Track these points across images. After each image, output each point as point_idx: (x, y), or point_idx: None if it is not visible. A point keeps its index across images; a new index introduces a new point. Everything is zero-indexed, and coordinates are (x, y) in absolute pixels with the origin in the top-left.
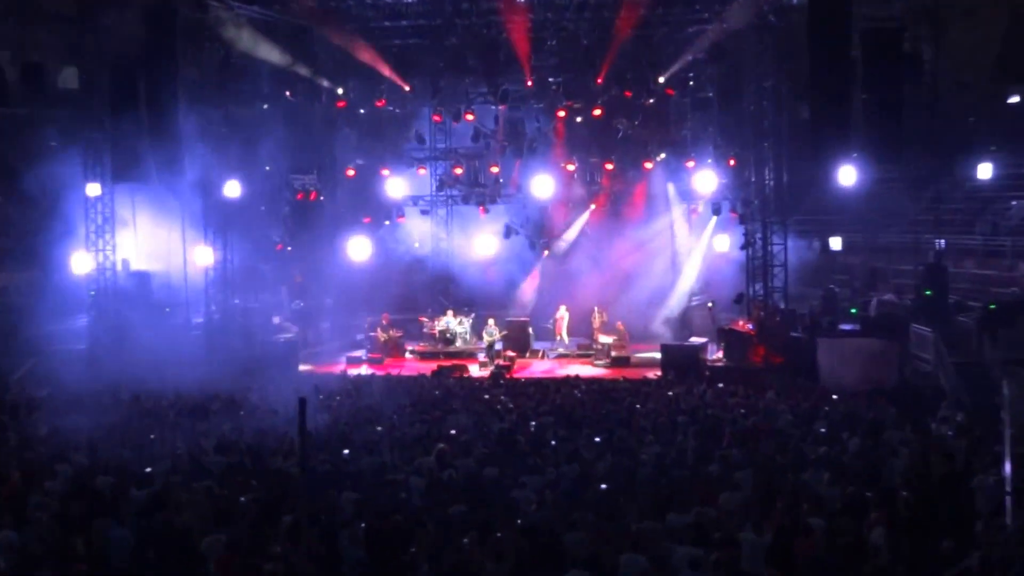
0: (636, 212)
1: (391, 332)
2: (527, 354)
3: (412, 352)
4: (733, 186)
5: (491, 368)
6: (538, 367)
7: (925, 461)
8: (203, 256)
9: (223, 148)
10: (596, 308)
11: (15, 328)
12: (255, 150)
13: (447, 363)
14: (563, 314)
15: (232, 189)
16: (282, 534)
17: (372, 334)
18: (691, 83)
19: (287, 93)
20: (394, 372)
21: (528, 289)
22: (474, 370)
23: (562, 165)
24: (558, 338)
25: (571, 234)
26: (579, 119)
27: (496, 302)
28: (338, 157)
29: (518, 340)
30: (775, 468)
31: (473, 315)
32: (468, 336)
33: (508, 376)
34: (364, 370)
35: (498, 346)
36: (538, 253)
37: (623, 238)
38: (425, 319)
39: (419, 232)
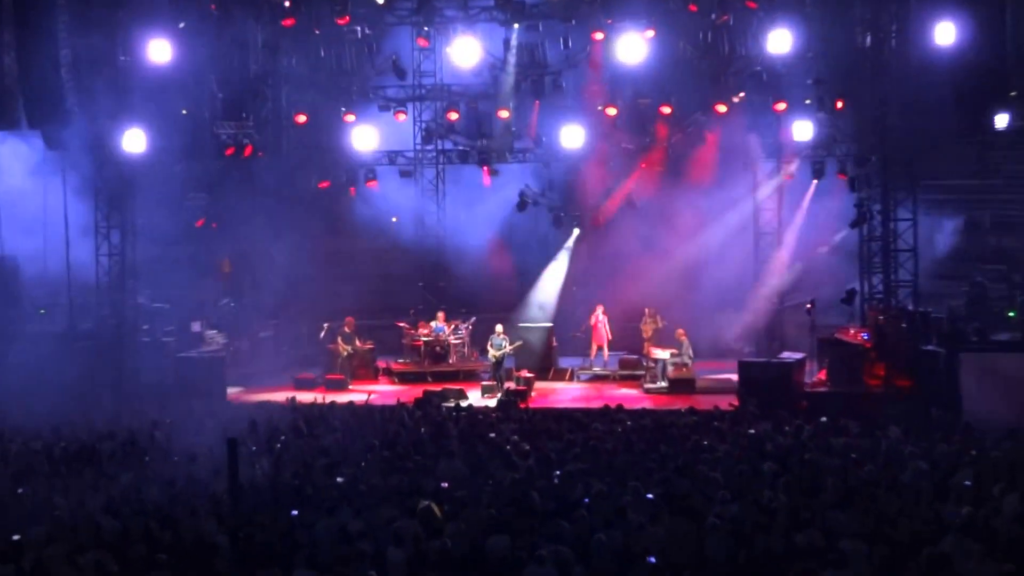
0: (703, 174)
1: (357, 344)
2: (550, 375)
3: (388, 372)
4: (841, 138)
5: (499, 395)
6: (565, 393)
7: None
8: (93, 235)
9: (122, 85)
10: (647, 311)
11: None
12: (166, 88)
13: (436, 387)
14: (601, 319)
15: (134, 142)
16: None
17: (331, 346)
18: None
19: (211, 6)
20: (362, 400)
21: (551, 284)
22: (475, 397)
23: (599, 108)
24: (594, 353)
25: (612, 206)
26: (624, 43)
27: (506, 301)
28: (284, 97)
29: (537, 355)
30: (900, 537)
31: (473, 320)
32: (466, 350)
33: (523, 406)
34: (320, 397)
35: (509, 363)
36: (566, 232)
37: (685, 211)
38: (406, 325)
39: (397, 202)
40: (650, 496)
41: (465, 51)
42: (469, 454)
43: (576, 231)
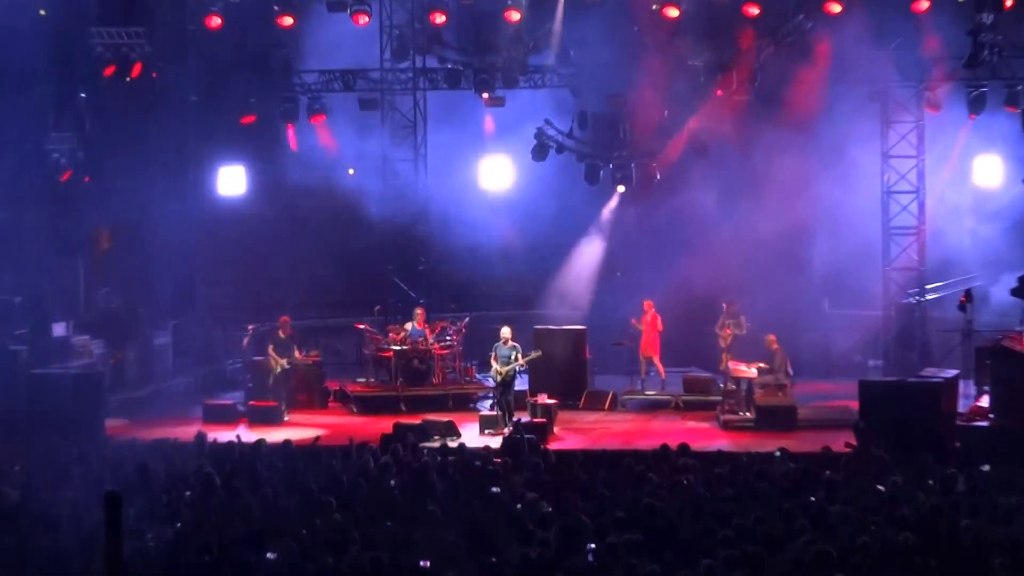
0: (808, 106)
1: (297, 355)
2: (581, 401)
3: (342, 397)
4: (1013, 53)
5: (505, 430)
6: (604, 428)
7: None
8: None
9: None
10: (725, 308)
11: None
12: None
13: (413, 419)
14: (652, 317)
15: None
16: None
17: (259, 359)
18: None
19: None
20: (305, 439)
21: (583, 268)
22: (470, 434)
23: (653, 8)
24: (645, 369)
25: (672, 153)
26: None
27: (516, 294)
28: None
29: (563, 372)
30: None
31: (467, 320)
32: (457, 364)
33: (543, 446)
34: (243, 433)
35: (521, 384)
36: (604, 192)
37: (780, 160)
38: (369, 329)
39: (356, 147)
40: None
41: None
42: (462, 519)
43: (620, 190)
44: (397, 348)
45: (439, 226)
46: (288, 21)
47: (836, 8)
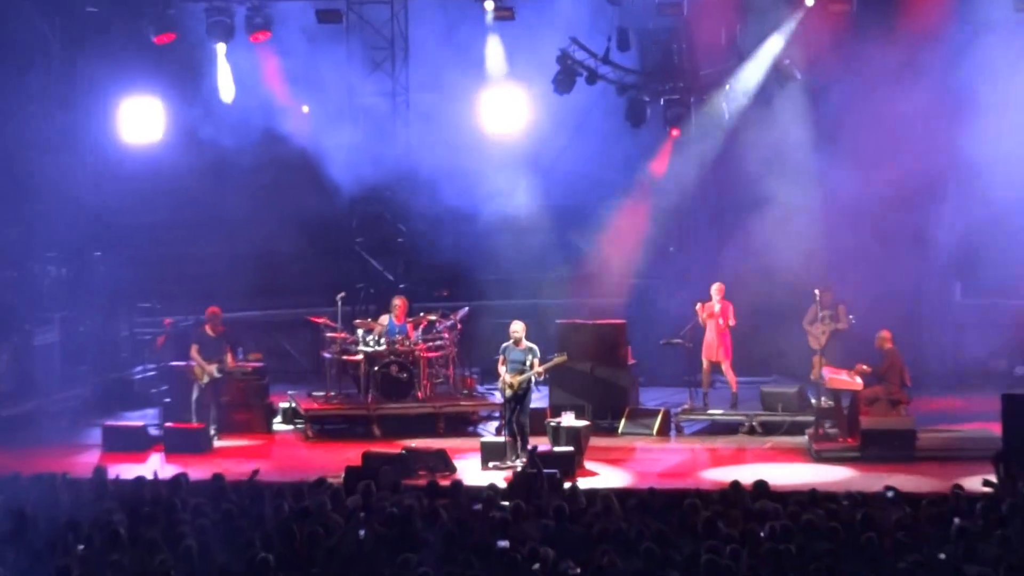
0: (933, 19)
1: (230, 361)
2: (622, 423)
3: (294, 416)
4: None
5: (517, 462)
6: (653, 458)
7: None
8: None
9: None
10: (819, 295)
11: None
12: None
13: (390, 448)
14: (720, 307)
15: None
16: None
17: (178, 365)
18: None
19: None
20: (243, 474)
21: (622, 240)
22: (469, 467)
23: None
24: (708, 379)
25: (745, 83)
26: None
27: (530, 277)
28: None
29: (596, 383)
30: None
31: (465, 311)
32: (451, 372)
33: (569, 484)
34: (157, 467)
35: (539, 399)
36: (652, 135)
37: (894, 94)
38: (329, 323)
39: (312, 76)
40: None
41: None
42: None
43: (674, 134)
44: (368, 350)
45: (426, 186)
46: None
47: None
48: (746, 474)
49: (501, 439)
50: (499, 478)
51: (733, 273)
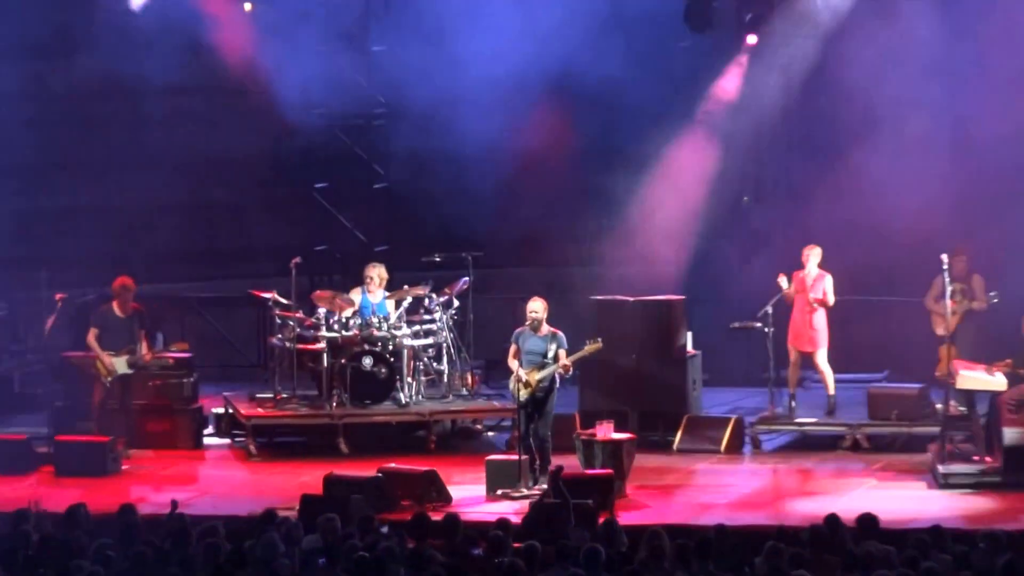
0: None
1: (144, 352)
2: (678, 435)
3: (230, 423)
4: None
5: (536, 487)
6: (718, 481)
7: None
8: None
9: None
10: (946, 262)
11: None
12: None
13: (362, 469)
14: (813, 278)
15: None
16: None
17: (74, 356)
18: None
19: None
20: (156, 504)
21: (677, 190)
22: (470, 496)
23: None
24: (795, 376)
25: None
26: None
27: (551, 241)
28: None
29: (641, 381)
30: None
31: (465, 283)
32: (445, 367)
33: (606, 518)
34: (36, 501)
35: (565, 399)
36: (719, 48)
37: None
38: (279, 299)
39: None
40: None
41: None
42: None
43: (750, 41)
44: (333, 336)
45: (413, 115)
46: None
47: None
48: (847, 506)
49: (513, 457)
50: (510, 510)
51: (830, 232)
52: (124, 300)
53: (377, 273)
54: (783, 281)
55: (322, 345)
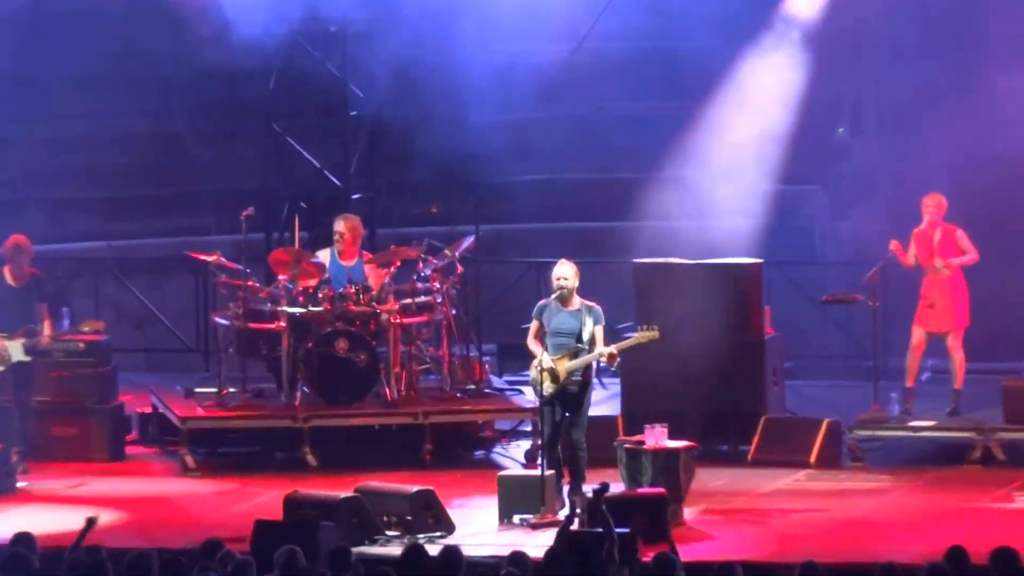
0: None
1: (47, 331)
2: (752, 442)
3: (162, 426)
4: None
5: (564, 510)
6: (808, 503)
7: None
8: None
9: None
10: None
11: None
12: None
13: (333, 487)
14: (940, 235)
15: None
16: None
17: None
18: None
19: None
20: (62, 530)
21: (750, 120)
22: (476, 526)
23: None
24: (915, 365)
25: None
26: None
27: (582, 185)
28: None
29: (705, 372)
30: None
31: (469, 245)
32: (446, 353)
33: (659, 545)
34: None
35: (606, 397)
36: None
37: None
38: (225, 263)
39: None
40: None
41: None
42: None
43: None
44: (296, 312)
45: (403, 19)
46: None
47: None
48: (977, 536)
49: (535, 472)
50: (530, 542)
51: (953, 175)
52: (18, 265)
53: (351, 228)
54: (897, 246)
55: (281, 324)
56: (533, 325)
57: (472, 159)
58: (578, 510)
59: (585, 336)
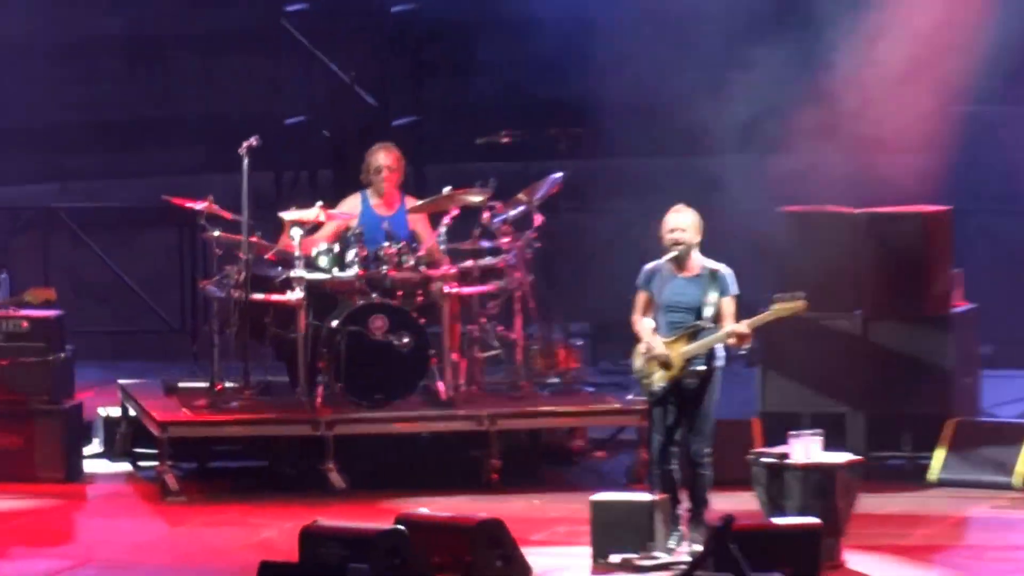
0: None
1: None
2: (933, 459)
3: (126, 439)
4: None
5: (684, 548)
6: (1016, 538)
7: None
8: None
9: None
10: None
11: None
12: None
13: (362, 517)
14: None
15: None
16: None
17: None
18: None
19: None
20: None
21: (935, 16)
22: (563, 571)
23: None
24: None
25: None
26: None
27: (706, 111)
28: None
29: (873, 360)
30: None
31: (550, 189)
32: (520, 337)
33: None
34: None
35: (737, 391)
36: None
37: None
38: (219, 212)
39: None
40: None
41: None
42: None
43: None
44: (317, 277)
45: None
46: None
47: None
48: None
49: (643, 497)
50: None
51: None
52: None
53: (389, 163)
54: None
55: (297, 295)
56: (640, 297)
57: (552, 72)
58: (699, 547)
59: (707, 312)
